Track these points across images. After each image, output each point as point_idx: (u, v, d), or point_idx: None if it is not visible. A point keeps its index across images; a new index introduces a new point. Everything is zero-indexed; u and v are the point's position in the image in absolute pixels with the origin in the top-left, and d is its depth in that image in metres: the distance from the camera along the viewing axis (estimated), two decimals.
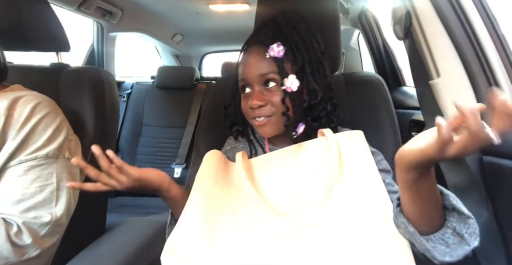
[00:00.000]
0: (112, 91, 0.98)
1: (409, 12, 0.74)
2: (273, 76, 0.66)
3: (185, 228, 0.59)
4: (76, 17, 1.71)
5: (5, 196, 0.66)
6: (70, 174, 0.74)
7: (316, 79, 0.67)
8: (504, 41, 0.72)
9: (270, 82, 0.66)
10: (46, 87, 0.82)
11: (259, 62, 0.66)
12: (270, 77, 0.66)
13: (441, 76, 0.72)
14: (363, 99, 0.85)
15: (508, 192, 0.63)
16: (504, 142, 0.37)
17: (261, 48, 0.66)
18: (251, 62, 0.68)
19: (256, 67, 0.67)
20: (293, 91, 0.65)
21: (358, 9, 1.79)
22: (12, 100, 0.69)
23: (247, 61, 0.68)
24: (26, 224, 0.66)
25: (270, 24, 0.70)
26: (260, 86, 0.67)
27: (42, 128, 0.70)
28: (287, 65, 0.65)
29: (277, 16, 0.70)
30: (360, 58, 2.23)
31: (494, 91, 0.36)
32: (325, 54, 0.71)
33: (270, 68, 0.65)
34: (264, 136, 0.71)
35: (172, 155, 2.04)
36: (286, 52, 0.65)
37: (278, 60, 0.65)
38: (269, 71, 0.65)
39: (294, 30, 0.68)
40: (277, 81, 0.66)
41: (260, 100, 0.66)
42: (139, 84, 2.25)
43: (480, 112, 0.36)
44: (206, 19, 2.22)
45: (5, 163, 0.67)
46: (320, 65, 0.68)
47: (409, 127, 1.27)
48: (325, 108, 0.69)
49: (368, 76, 0.89)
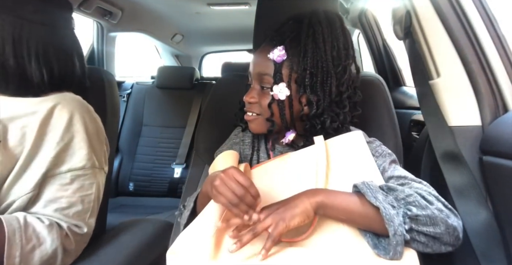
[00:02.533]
0: (112, 91, 0.98)
1: (409, 12, 0.74)
2: (267, 79, 0.64)
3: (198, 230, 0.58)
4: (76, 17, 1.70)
5: (50, 202, 0.65)
6: (102, 185, 0.75)
7: (316, 92, 0.63)
8: (504, 41, 0.72)
9: (265, 82, 0.65)
10: None
11: (261, 61, 0.65)
12: (265, 78, 0.65)
13: (441, 76, 0.72)
14: (363, 99, 0.85)
15: (508, 192, 0.63)
16: (504, 142, 0.37)
17: (269, 46, 0.64)
18: (256, 57, 0.67)
19: (258, 64, 0.66)
20: (280, 99, 0.63)
21: (358, 9, 1.79)
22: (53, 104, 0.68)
23: (255, 55, 0.68)
24: (71, 230, 0.66)
25: (292, 22, 0.67)
26: (258, 84, 0.67)
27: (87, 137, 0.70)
28: (285, 71, 0.63)
29: (307, 15, 0.65)
30: (360, 58, 2.22)
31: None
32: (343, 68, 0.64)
33: (268, 70, 0.64)
34: (252, 132, 0.71)
35: (172, 155, 2.04)
36: (289, 58, 0.63)
37: (276, 64, 0.63)
38: (266, 73, 0.64)
39: (312, 35, 0.63)
40: (270, 84, 0.64)
41: (250, 97, 0.67)
42: (139, 84, 2.25)
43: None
44: (206, 19, 2.22)
45: (52, 169, 0.66)
46: (328, 78, 0.62)
47: (409, 127, 1.27)
48: (323, 122, 0.64)
49: (368, 76, 0.89)
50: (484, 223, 0.67)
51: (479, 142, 0.69)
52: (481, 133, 0.70)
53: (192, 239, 0.57)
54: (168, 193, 1.98)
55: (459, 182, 0.71)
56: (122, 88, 2.23)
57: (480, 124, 0.70)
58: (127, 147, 2.09)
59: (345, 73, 0.64)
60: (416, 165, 0.93)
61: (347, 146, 0.64)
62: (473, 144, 0.70)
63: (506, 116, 0.68)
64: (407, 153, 0.86)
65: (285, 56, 0.62)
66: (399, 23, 0.77)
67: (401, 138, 0.83)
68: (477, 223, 0.68)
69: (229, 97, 0.78)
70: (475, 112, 0.71)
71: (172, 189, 1.98)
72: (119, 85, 2.24)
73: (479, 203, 0.68)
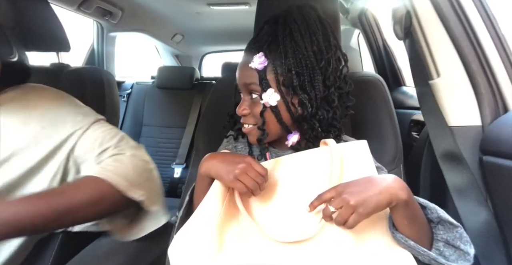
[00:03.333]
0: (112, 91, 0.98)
1: (409, 12, 0.74)
2: (254, 88, 0.63)
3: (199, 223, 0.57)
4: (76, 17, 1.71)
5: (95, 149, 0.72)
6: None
7: (306, 91, 0.61)
8: (504, 41, 0.72)
9: (252, 92, 0.64)
10: None
11: (244, 71, 0.63)
12: (252, 88, 0.63)
13: (441, 76, 0.72)
14: (363, 99, 0.85)
15: (508, 192, 0.63)
16: (504, 142, 0.37)
17: (249, 55, 0.63)
18: (239, 68, 0.65)
19: (242, 75, 0.64)
20: (272, 106, 0.62)
21: (358, 9, 1.79)
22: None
23: (238, 68, 0.66)
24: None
25: (267, 26, 0.65)
26: (247, 95, 0.65)
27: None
28: (270, 76, 0.61)
29: (281, 14, 0.64)
30: (360, 58, 2.22)
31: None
32: (326, 61, 0.62)
33: (253, 79, 0.62)
34: (252, 143, 0.69)
35: (172, 155, 2.04)
36: (270, 63, 0.61)
37: (260, 72, 0.61)
38: (251, 82, 0.62)
39: (289, 34, 0.61)
40: (258, 93, 0.63)
41: (242, 110, 0.65)
42: (139, 84, 2.25)
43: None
44: (206, 19, 2.22)
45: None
46: (315, 75, 0.61)
47: (409, 127, 1.27)
48: (320, 120, 0.63)
49: (368, 76, 0.89)
50: (484, 223, 0.67)
51: (479, 142, 0.69)
52: (481, 133, 0.70)
53: (195, 233, 0.57)
54: (168, 193, 1.97)
55: (459, 182, 0.71)
56: (122, 88, 2.23)
57: (480, 124, 0.70)
58: None
59: (329, 65, 0.62)
60: (416, 165, 0.93)
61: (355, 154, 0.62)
62: (473, 144, 0.70)
63: (506, 116, 0.68)
64: (407, 153, 0.86)
65: (266, 62, 0.61)
66: (399, 23, 0.77)
67: (401, 138, 0.83)
68: (477, 223, 0.68)
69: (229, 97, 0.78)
70: (475, 112, 0.71)
71: (172, 189, 1.98)
72: (119, 85, 2.24)
73: (479, 203, 0.68)
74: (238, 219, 0.60)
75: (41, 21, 0.89)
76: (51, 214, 0.58)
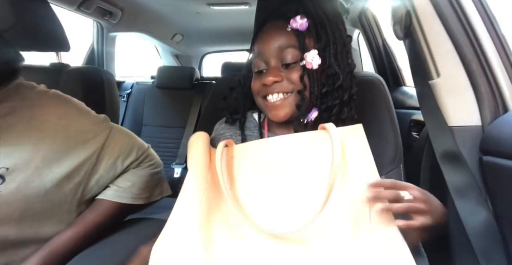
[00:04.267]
0: (112, 91, 0.98)
1: (409, 12, 0.74)
2: (292, 51, 0.61)
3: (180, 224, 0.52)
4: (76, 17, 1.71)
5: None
6: None
7: (338, 62, 0.62)
8: (504, 41, 0.72)
9: (288, 56, 0.61)
10: None
11: (279, 35, 0.61)
12: (289, 52, 0.61)
13: (441, 76, 0.72)
14: (363, 99, 0.85)
15: (508, 192, 0.63)
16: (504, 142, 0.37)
17: (281, 21, 0.62)
18: (269, 35, 0.63)
19: (275, 39, 0.62)
20: (313, 69, 0.60)
21: (358, 9, 1.79)
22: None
23: (264, 34, 0.64)
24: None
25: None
26: (277, 62, 0.62)
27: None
28: (309, 40, 0.61)
29: None
30: (360, 58, 2.22)
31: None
32: (351, 38, 0.66)
33: (290, 42, 0.61)
34: (275, 120, 0.64)
35: (172, 155, 2.04)
36: (310, 27, 0.60)
37: (300, 34, 0.60)
38: (289, 45, 0.61)
39: (319, 7, 0.62)
40: (296, 57, 0.61)
41: (275, 76, 0.61)
42: (139, 84, 2.25)
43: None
44: (206, 19, 2.22)
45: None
46: (344, 48, 0.64)
47: (409, 127, 1.27)
48: (341, 96, 0.63)
49: (368, 76, 0.89)
50: (484, 223, 0.67)
51: (479, 142, 0.69)
52: (481, 133, 0.70)
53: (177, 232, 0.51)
54: None
55: (459, 182, 0.71)
56: (122, 88, 2.23)
57: (480, 124, 0.70)
58: None
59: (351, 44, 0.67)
60: (416, 165, 0.93)
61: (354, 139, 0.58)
62: (473, 144, 0.70)
63: (506, 116, 0.68)
64: (407, 153, 0.86)
65: (307, 24, 0.60)
66: (399, 23, 0.77)
67: (401, 138, 0.83)
68: (477, 223, 0.68)
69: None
70: (475, 112, 0.71)
71: (172, 189, 1.97)
72: (119, 85, 2.24)
73: (479, 203, 0.68)
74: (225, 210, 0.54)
75: (41, 21, 0.89)
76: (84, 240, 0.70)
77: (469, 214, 0.69)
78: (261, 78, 0.62)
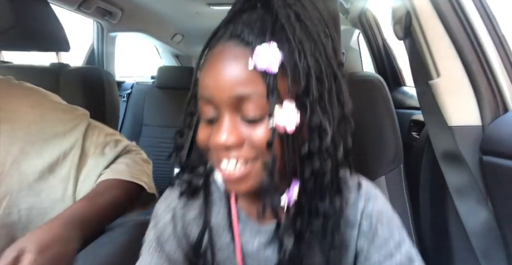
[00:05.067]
0: (112, 91, 0.98)
1: (409, 12, 0.74)
2: (257, 102, 0.38)
3: None
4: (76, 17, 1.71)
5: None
6: None
7: (325, 108, 0.40)
8: (504, 41, 0.72)
9: (250, 110, 0.38)
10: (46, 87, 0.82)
11: (236, 75, 0.38)
12: (252, 103, 0.38)
13: (441, 76, 0.72)
14: (363, 99, 0.85)
15: (508, 192, 0.63)
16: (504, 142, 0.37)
17: (240, 48, 0.38)
18: (222, 72, 0.38)
19: (231, 81, 0.38)
20: (286, 132, 0.38)
21: (358, 9, 1.79)
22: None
23: (215, 68, 0.39)
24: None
25: (257, 4, 0.41)
26: (234, 114, 0.39)
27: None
28: (282, 83, 0.37)
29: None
30: (360, 58, 2.22)
31: None
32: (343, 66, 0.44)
33: (254, 87, 0.37)
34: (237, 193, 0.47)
35: None
36: (285, 61, 0.37)
37: (268, 76, 0.37)
38: (251, 93, 0.37)
39: (297, 20, 0.39)
40: (262, 111, 0.38)
41: (232, 137, 0.39)
42: (139, 84, 2.25)
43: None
44: (206, 19, 2.22)
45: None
46: (336, 84, 0.42)
47: (409, 127, 1.27)
48: (334, 156, 0.41)
49: (368, 76, 0.89)
50: (484, 223, 0.67)
51: (479, 142, 0.69)
52: (481, 133, 0.70)
53: None
54: None
55: (459, 182, 0.71)
56: (122, 88, 2.23)
57: (480, 124, 0.70)
58: None
59: (343, 75, 0.43)
60: (416, 165, 0.93)
61: None
62: (473, 144, 0.70)
63: (506, 116, 0.68)
64: (407, 153, 0.86)
65: (281, 58, 0.37)
66: (399, 23, 0.77)
67: (401, 138, 0.83)
68: (477, 223, 0.68)
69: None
70: (475, 112, 0.71)
71: None
72: (119, 85, 2.24)
73: (479, 203, 0.68)
74: None
75: (41, 21, 0.89)
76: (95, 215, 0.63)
77: (469, 214, 0.69)
78: (211, 129, 0.41)
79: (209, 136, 0.41)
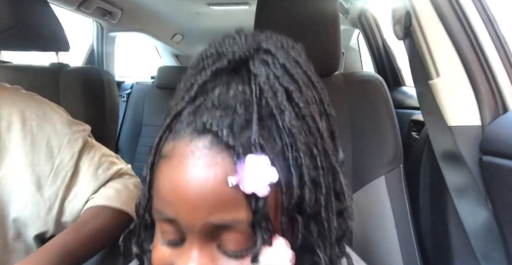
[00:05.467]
0: (112, 91, 0.98)
1: (409, 12, 0.74)
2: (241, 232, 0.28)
3: None
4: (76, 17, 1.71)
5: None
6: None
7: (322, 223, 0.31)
8: (504, 41, 0.72)
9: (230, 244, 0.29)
10: (46, 87, 0.82)
11: (213, 194, 0.27)
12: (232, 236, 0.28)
13: (440, 76, 0.72)
14: (363, 99, 0.85)
15: (508, 192, 0.63)
16: (504, 142, 0.37)
17: (217, 150, 0.28)
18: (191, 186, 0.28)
19: (204, 205, 0.27)
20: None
21: (358, 9, 1.79)
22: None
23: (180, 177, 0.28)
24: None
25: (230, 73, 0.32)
26: (208, 243, 0.29)
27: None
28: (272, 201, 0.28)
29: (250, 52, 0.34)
30: (360, 58, 2.23)
31: None
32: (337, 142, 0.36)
33: (236, 213, 0.27)
34: None
35: None
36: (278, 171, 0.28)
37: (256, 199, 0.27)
38: (233, 221, 0.28)
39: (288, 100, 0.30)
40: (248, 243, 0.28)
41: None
42: (139, 84, 2.25)
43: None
44: (206, 19, 2.22)
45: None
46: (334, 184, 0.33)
47: (409, 127, 1.27)
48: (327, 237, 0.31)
49: (368, 76, 0.89)
50: (484, 223, 0.67)
51: (479, 142, 0.69)
52: (481, 133, 0.70)
53: None
54: None
55: (459, 182, 0.71)
56: (122, 88, 2.24)
57: (480, 124, 0.70)
58: (127, 147, 2.09)
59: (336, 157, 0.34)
60: (416, 165, 0.93)
61: None
62: (473, 144, 0.70)
63: (506, 116, 0.68)
64: (407, 153, 0.86)
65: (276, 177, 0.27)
66: (399, 23, 0.77)
67: (401, 138, 0.83)
68: (477, 223, 0.68)
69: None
70: (475, 112, 0.71)
71: None
72: (119, 85, 2.24)
73: (479, 203, 0.68)
74: None
75: (41, 21, 0.89)
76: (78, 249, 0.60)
77: (469, 214, 0.69)
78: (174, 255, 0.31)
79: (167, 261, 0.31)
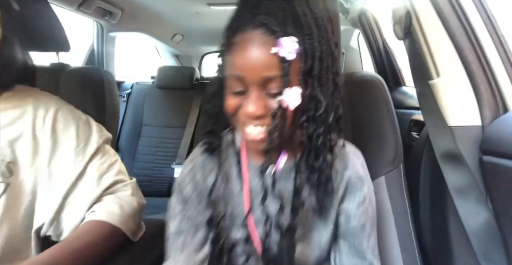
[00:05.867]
0: (112, 91, 0.98)
1: (409, 12, 0.74)
2: (278, 82, 0.47)
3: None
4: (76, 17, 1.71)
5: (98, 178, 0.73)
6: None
7: (322, 83, 0.50)
8: (504, 41, 0.72)
9: (274, 88, 0.48)
10: (46, 87, 0.82)
11: (264, 59, 0.47)
12: (275, 82, 0.48)
13: (441, 76, 0.72)
14: (363, 99, 0.85)
15: (508, 192, 0.63)
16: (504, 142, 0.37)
17: (267, 36, 0.47)
18: (253, 56, 0.47)
19: (260, 66, 0.47)
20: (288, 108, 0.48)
21: (358, 9, 1.79)
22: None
23: (246, 52, 0.48)
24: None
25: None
26: (260, 89, 0.49)
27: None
28: (294, 66, 0.47)
29: None
30: (360, 58, 2.23)
31: None
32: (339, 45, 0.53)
33: (276, 70, 0.47)
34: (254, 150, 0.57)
35: (172, 155, 2.04)
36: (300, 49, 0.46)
37: (286, 62, 0.46)
38: (274, 75, 0.47)
39: (308, 9, 0.48)
40: (280, 88, 0.48)
41: (262, 109, 0.49)
42: (139, 84, 2.25)
43: None
44: (206, 19, 2.22)
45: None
46: (332, 62, 0.50)
47: (409, 127, 1.27)
48: (325, 121, 0.51)
49: (368, 76, 0.89)
50: (484, 223, 0.67)
51: (479, 142, 0.69)
52: (481, 133, 0.70)
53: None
54: (168, 193, 1.96)
55: (459, 182, 0.71)
56: (122, 88, 2.24)
57: (480, 124, 0.70)
58: (127, 147, 2.09)
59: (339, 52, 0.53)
60: (416, 165, 0.93)
61: None
62: (473, 144, 0.70)
63: (506, 116, 0.68)
64: (407, 153, 0.86)
65: (297, 50, 0.46)
66: (399, 23, 0.77)
67: (401, 138, 0.83)
68: (477, 223, 0.68)
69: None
70: (475, 112, 0.71)
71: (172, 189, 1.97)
72: (119, 85, 2.24)
73: (479, 203, 0.68)
74: None
75: (41, 21, 0.89)
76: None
77: (469, 214, 0.69)
78: (240, 100, 0.51)
79: (236, 105, 0.51)
